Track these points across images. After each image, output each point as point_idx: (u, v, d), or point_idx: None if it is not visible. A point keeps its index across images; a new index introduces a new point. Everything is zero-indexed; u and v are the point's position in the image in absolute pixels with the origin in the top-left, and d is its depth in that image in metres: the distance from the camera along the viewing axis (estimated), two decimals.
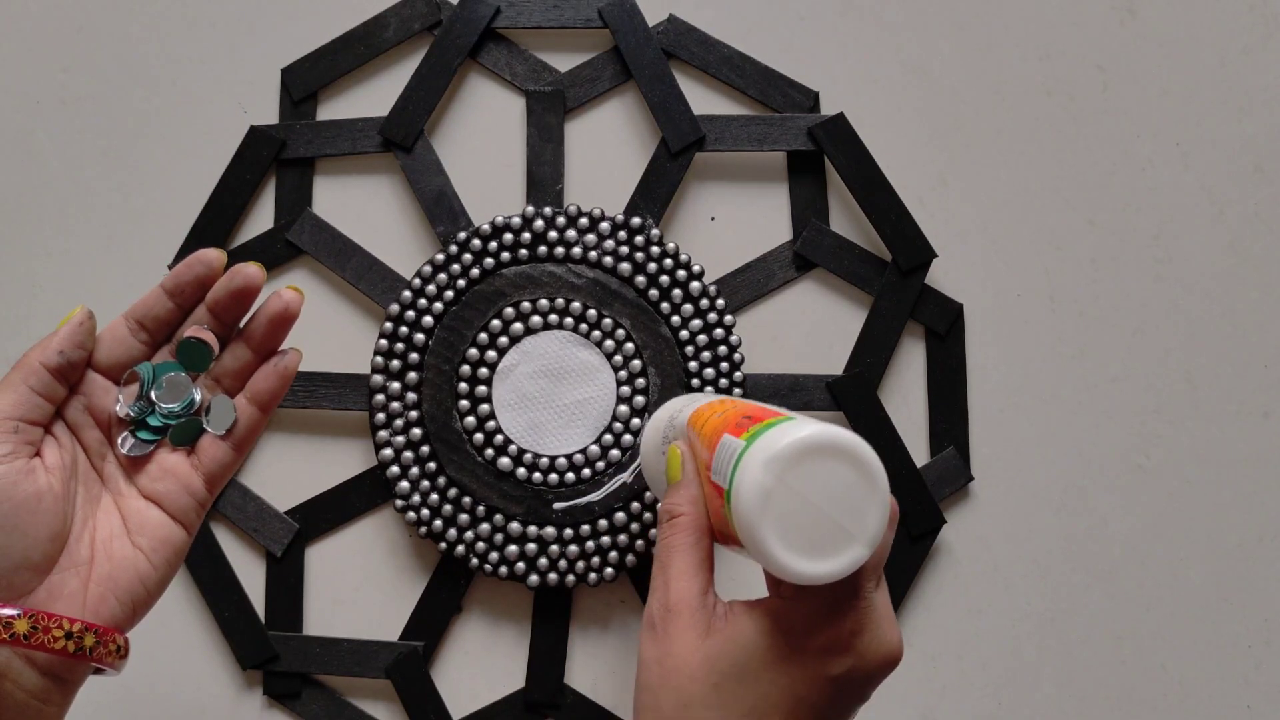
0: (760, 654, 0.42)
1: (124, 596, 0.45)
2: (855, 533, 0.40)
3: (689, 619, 0.44)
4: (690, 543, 0.45)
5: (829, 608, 0.42)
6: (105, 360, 0.46)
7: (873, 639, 0.43)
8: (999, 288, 0.66)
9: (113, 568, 0.45)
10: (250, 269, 0.46)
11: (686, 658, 0.43)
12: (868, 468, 0.41)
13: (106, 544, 0.45)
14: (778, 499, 0.40)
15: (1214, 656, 0.64)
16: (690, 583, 0.44)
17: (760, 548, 0.40)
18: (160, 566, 0.46)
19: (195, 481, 0.47)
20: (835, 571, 0.40)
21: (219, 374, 0.48)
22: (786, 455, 0.40)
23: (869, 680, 0.43)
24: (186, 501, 0.47)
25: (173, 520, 0.46)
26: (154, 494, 0.46)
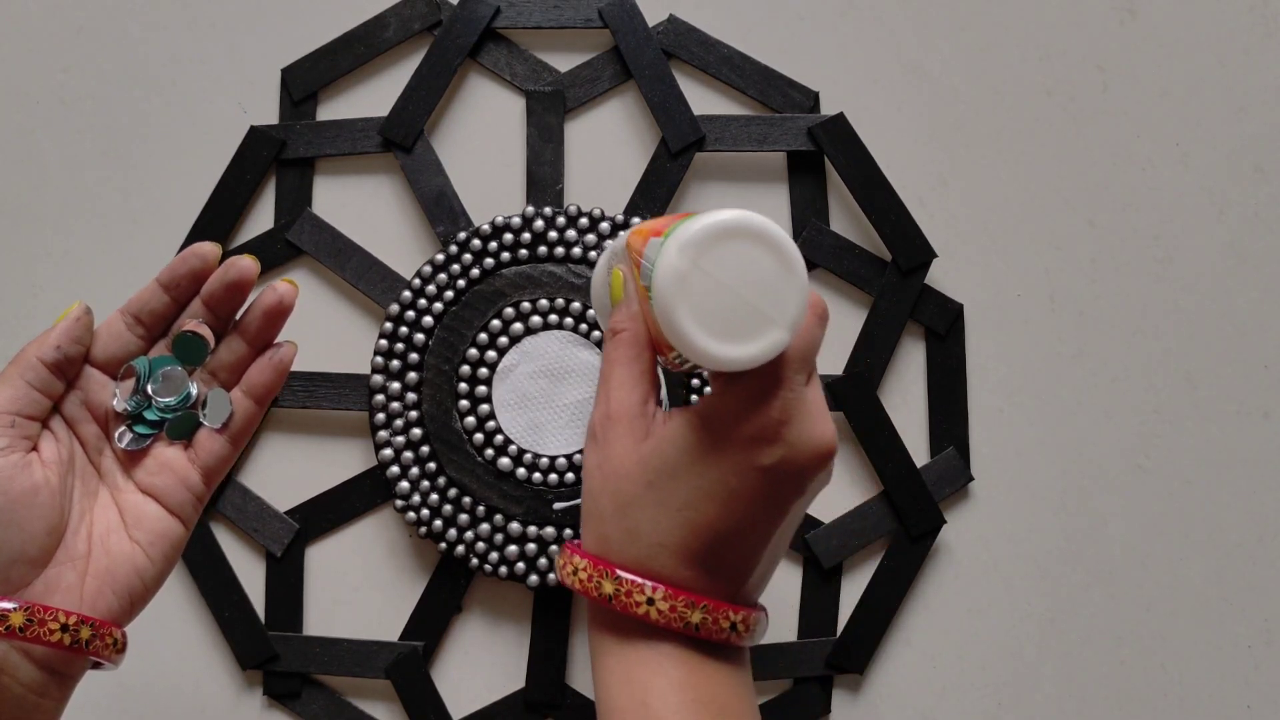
0: (690, 448, 0.42)
1: (121, 590, 0.45)
2: (774, 316, 0.40)
3: (628, 425, 0.44)
4: (631, 355, 0.45)
5: (755, 397, 0.42)
6: (102, 355, 0.47)
7: (802, 430, 0.42)
8: (999, 288, 0.66)
9: (110, 562, 0.45)
10: (244, 261, 0.46)
11: (624, 460, 0.43)
12: (783, 251, 0.41)
13: (104, 538, 0.45)
14: (693, 283, 0.40)
15: (1214, 656, 0.64)
16: (630, 393, 0.44)
17: (678, 333, 0.40)
18: (158, 560, 0.46)
19: (192, 475, 0.47)
20: (755, 355, 0.40)
21: (215, 368, 0.48)
22: (699, 238, 0.40)
23: (801, 473, 0.43)
24: (184, 496, 0.47)
25: (170, 514, 0.46)
26: (151, 488, 0.47)
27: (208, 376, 0.48)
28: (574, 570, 0.44)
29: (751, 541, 0.43)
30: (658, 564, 0.43)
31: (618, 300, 0.46)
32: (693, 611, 0.42)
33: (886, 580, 0.64)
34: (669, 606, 0.42)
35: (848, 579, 0.65)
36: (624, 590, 0.42)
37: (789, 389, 0.42)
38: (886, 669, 0.64)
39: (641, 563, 0.43)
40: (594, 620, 0.45)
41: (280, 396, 0.63)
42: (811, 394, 0.43)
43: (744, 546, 0.43)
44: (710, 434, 0.42)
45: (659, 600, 0.42)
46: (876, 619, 0.64)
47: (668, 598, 0.42)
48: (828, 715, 0.64)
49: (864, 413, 0.64)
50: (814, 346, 0.44)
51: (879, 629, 0.64)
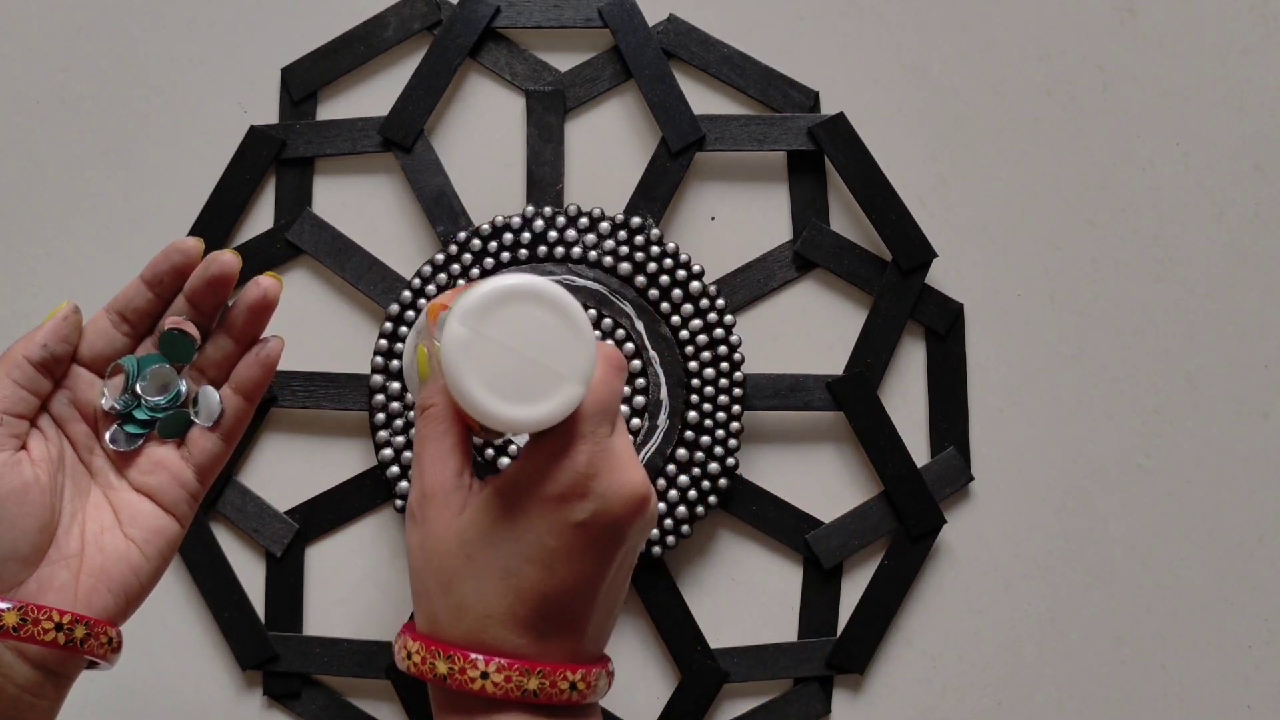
0: (503, 514, 0.43)
1: (116, 589, 0.45)
2: (564, 373, 0.41)
3: (443, 500, 0.44)
4: (440, 431, 0.45)
5: (558, 454, 0.42)
6: (88, 353, 0.46)
7: (612, 481, 0.42)
8: (999, 288, 0.66)
9: (104, 560, 0.45)
10: (225, 256, 0.46)
11: (441, 536, 0.43)
12: (565, 309, 0.42)
13: (97, 537, 0.45)
14: (477, 349, 0.41)
15: (1214, 656, 0.64)
16: (443, 468, 0.44)
17: (468, 399, 0.41)
18: (153, 558, 0.46)
19: (186, 473, 0.47)
20: (550, 413, 0.41)
21: (203, 365, 0.48)
22: (479, 305, 0.41)
23: (617, 524, 0.43)
24: (178, 493, 0.47)
25: (165, 512, 0.46)
26: (145, 487, 0.46)
27: (196, 374, 0.48)
28: (407, 654, 0.44)
29: (580, 598, 0.43)
30: (489, 636, 0.42)
31: (424, 376, 0.46)
32: (528, 679, 0.42)
33: (886, 580, 0.64)
34: (504, 677, 0.42)
35: (848, 579, 0.65)
36: (457, 668, 0.42)
37: (591, 442, 0.43)
38: (886, 669, 0.64)
39: (472, 636, 0.43)
40: (436, 704, 0.45)
41: (280, 396, 0.63)
42: (618, 443, 0.44)
43: (573, 605, 0.43)
44: (520, 497, 0.43)
45: (493, 673, 0.42)
46: (876, 619, 0.64)
47: (501, 669, 0.42)
48: (828, 715, 0.64)
49: (864, 413, 0.64)
50: (612, 396, 0.44)
51: (879, 629, 0.64)
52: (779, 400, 0.64)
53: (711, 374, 0.62)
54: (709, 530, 0.64)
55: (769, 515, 0.64)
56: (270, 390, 0.63)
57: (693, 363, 0.62)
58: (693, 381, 0.62)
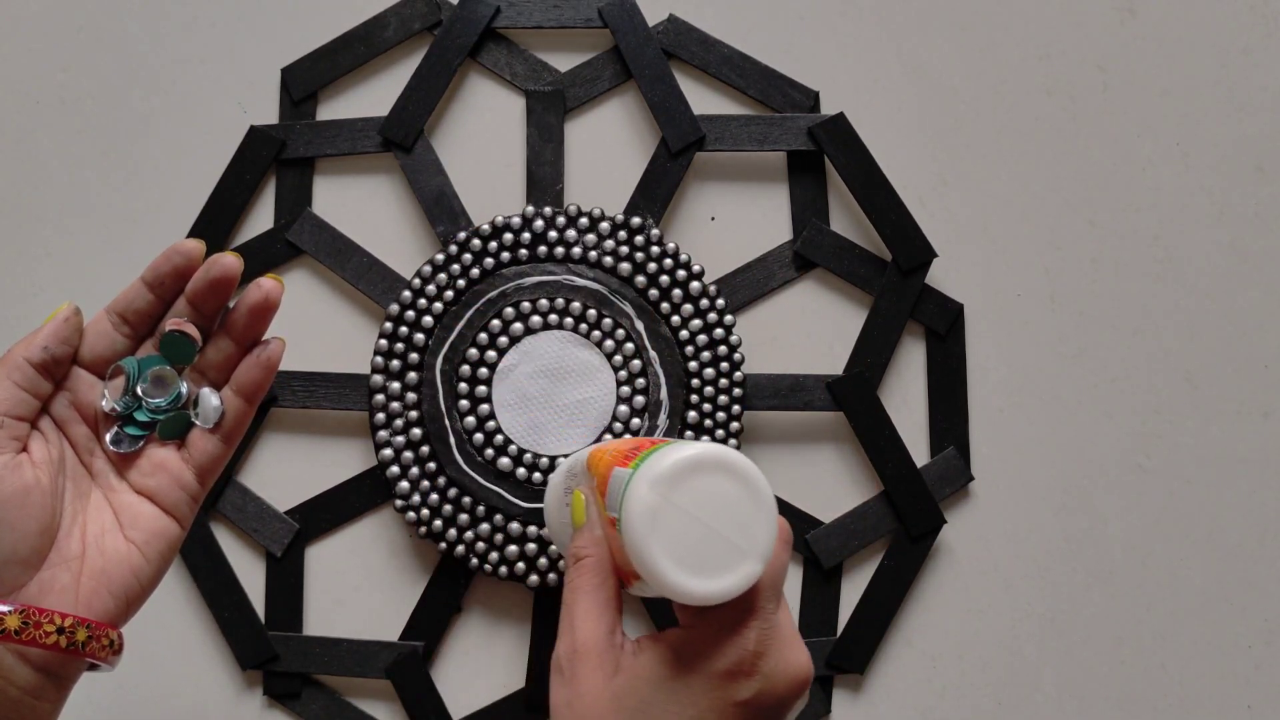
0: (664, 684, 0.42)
1: (117, 591, 0.44)
2: (746, 548, 0.41)
3: (597, 660, 0.43)
4: (595, 584, 0.44)
5: (728, 630, 0.42)
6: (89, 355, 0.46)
7: (779, 660, 0.42)
8: (999, 288, 0.66)
9: (105, 562, 0.45)
10: (227, 259, 0.46)
11: (595, 698, 0.42)
12: (753, 482, 0.41)
13: (98, 539, 0.45)
14: (665, 518, 0.40)
15: (1214, 656, 0.64)
16: (596, 624, 0.43)
17: (651, 569, 0.40)
18: (154, 560, 0.45)
19: (186, 475, 0.47)
20: (729, 588, 0.40)
21: (204, 367, 0.47)
22: (670, 473, 0.40)
23: (780, 705, 0.42)
24: (179, 495, 0.46)
25: (165, 514, 0.46)
26: (146, 489, 0.46)
27: (197, 376, 0.47)
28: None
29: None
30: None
31: (579, 524, 0.46)
32: None
33: (886, 580, 0.64)
34: None
35: (848, 579, 0.65)
36: None
37: (762, 619, 0.42)
38: (886, 669, 0.64)
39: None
40: None
41: (280, 396, 0.63)
42: (784, 620, 0.43)
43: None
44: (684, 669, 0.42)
45: None
46: (876, 619, 0.64)
47: None
48: (828, 715, 0.64)
49: (864, 413, 0.64)
50: (784, 574, 0.44)
51: (879, 629, 0.64)
52: (779, 400, 0.64)
53: (711, 374, 0.62)
54: None
55: None
56: (270, 390, 0.63)
57: (693, 363, 0.62)
58: (693, 381, 0.62)
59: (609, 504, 0.43)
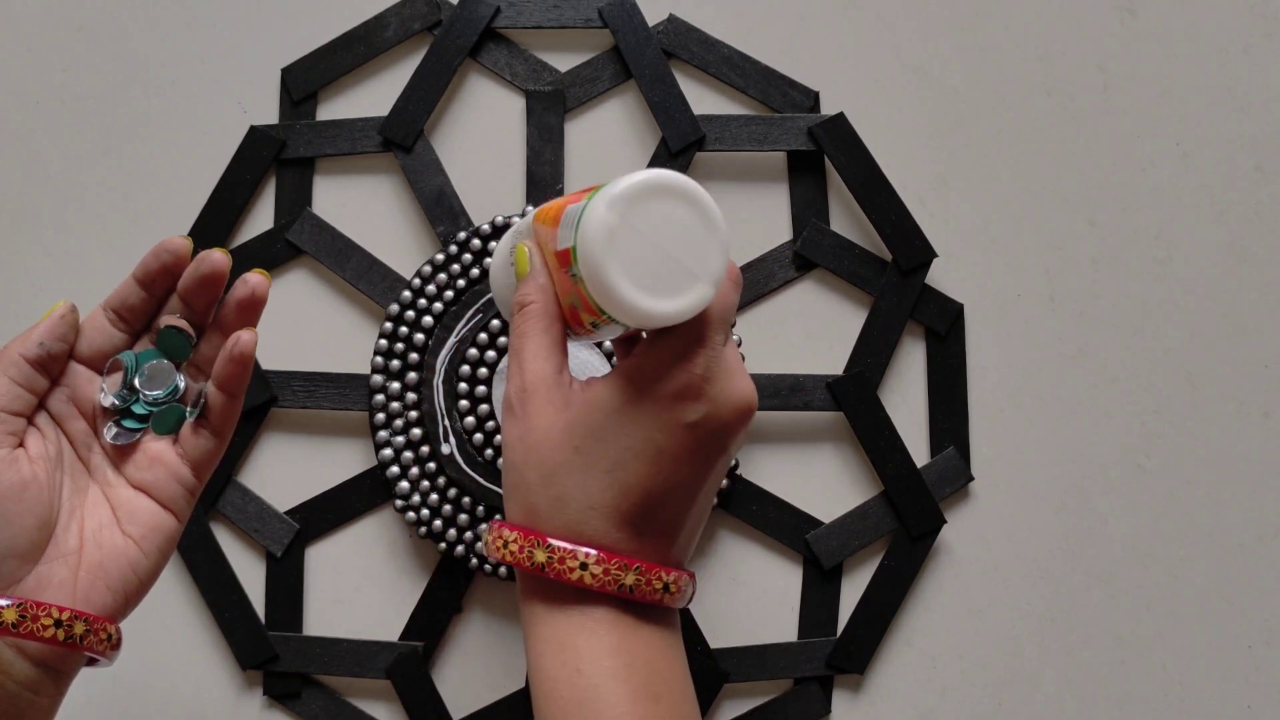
0: (616, 409, 0.43)
1: (116, 585, 0.45)
2: (698, 272, 0.42)
3: (545, 395, 0.44)
4: (541, 327, 0.45)
5: (678, 354, 0.43)
6: (87, 350, 0.47)
7: (724, 385, 0.43)
8: (999, 288, 0.66)
9: (103, 556, 0.45)
10: (215, 255, 0.46)
11: (547, 429, 0.44)
12: (706, 208, 0.42)
13: (96, 533, 0.45)
14: (621, 238, 0.41)
15: (1214, 656, 0.64)
16: (544, 364, 0.45)
17: (607, 287, 0.41)
18: (152, 554, 0.46)
19: (183, 469, 0.47)
20: (682, 309, 0.41)
21: (200, 362, 0.48)
22: (628, 194, 0.41)
23: (725, 429, 0.44)
24: (176, 489, 0.47)
25: (163, 508, 0.46)
26: (142, 483, 0.46)
27: (194, 371, 0.48)
28: (504, 543, 0.44)
29: (679, 500, 0.44)
30: (589, 528, 0.43)
31: (524, 274, 0.47)
32: (626, 574, 0.43)
33: (886, 580, 0.64)
34: (602, 570, 0.43)
35: (848, 579, 0.65)
36: (556, 557, 0.43)
37: (710, 347, 0.43)
38: (886, 669, 0.64)
39: (571, 528, 0.43)
40: (525, 591, 0.45)
41: (280, 396, 0.63)
42: (730, 353, 0.44)
43: (672, 505, 0.44)
44: (636, 393, 0.43)
45: (592, 565, 0.43)
46: (876, 619, 0.64)
47: (601, 561, 0.43)
48: (828, 715, 0.64)
49: (864, 413, 0.64)
50: (731, 307, 0.45)
51: (879, 629, 0.64)
52: (779, 400, 0.64)
53: None
54: (709, 530, 0.64)
55: (769, 515, 0.64)
56: (270, 390, 0.63)
57: None
58: None
59: (561, 239, 0.44)
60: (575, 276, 0.43)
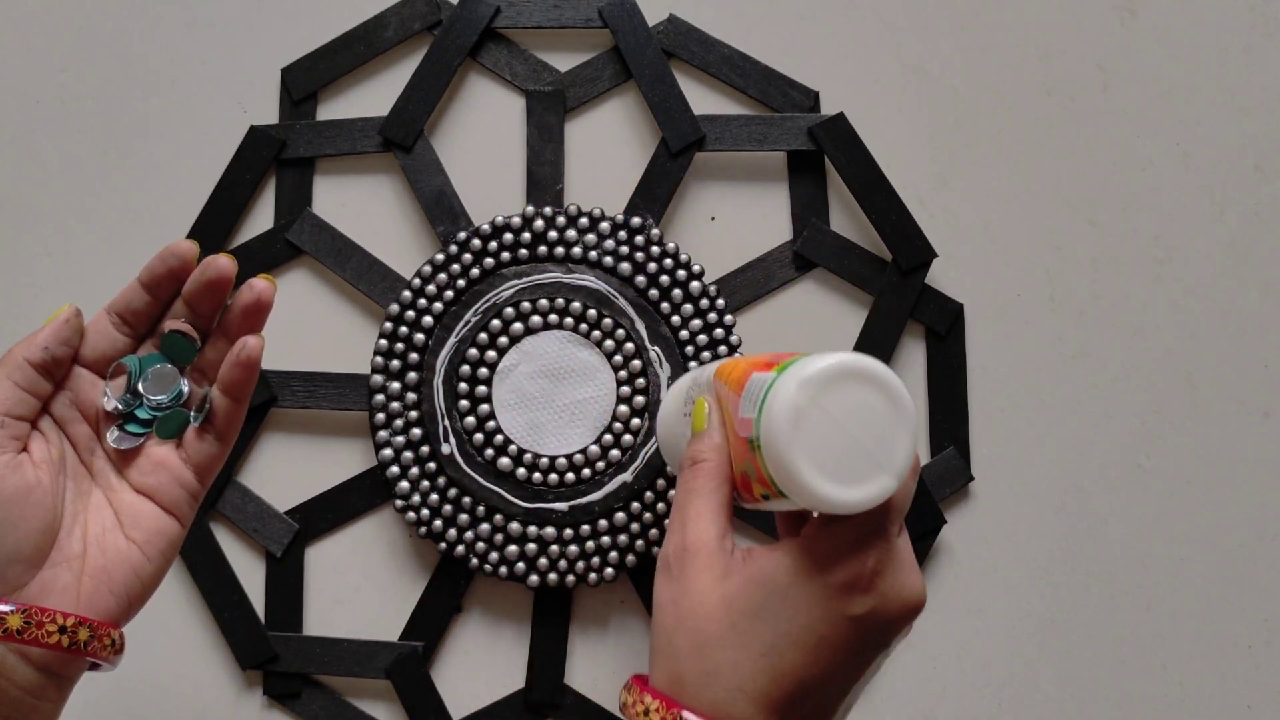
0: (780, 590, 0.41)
1: (119, 590, 0.45)
2: (883, 463, 0.40)
3: (706, 560, 0.42)
4: (711, 487, 0.44)
5: (853, 543, 0.41)
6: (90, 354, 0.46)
7: (895, 580, 0.42)
8: (999, 288, 0.66)
9: (106, 561, 0.45)
10: (221, 260, 0.46)
11: (703, 597, 0.42)
12: (898, 398, 0.40)
13: (99, 538, 0.45)
14: (809, 420, 0.40)
15: (1214, 656, 0.64)
16: (708, 525, 0.43)
17: (789, 469, 0.40)
18: (155, 559, 0.46)
19: (186, 474, 0.47)
20: (864, 499, 0.40)
21: (204, 366, 0.48)
22: (821, 377, 0.40)
23: (890, 626, 0.42)
24: (179, 493, 0.47)
25: (166, 513, 0.46)
26: (146, 487, 0.46)
27: (199, 376, 0.48)
28: (645, 710, 0.42)
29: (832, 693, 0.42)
30: (736, 710, 0.41)
31: (700, 429, 0.46)
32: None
33: None
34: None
35: None
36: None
37: (886, 540, 0.42)
38: (886, 669, 0.64)
39: (719, 707, 0.41)
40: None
41: (280, 396, 0.63)
42: (903, 545, 0.43)
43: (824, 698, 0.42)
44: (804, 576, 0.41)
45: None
46: None
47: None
48: None
49: None
50: (909, 500, 0.43)
51: None
52: None
53: None
54: None
55: (769, 515, 0.64)
56: (270, 390, 0.63)
57: (693, 363, 0.62)
58: None
59: (744, 407, 0.43)
60: (754, 446, 0.41)
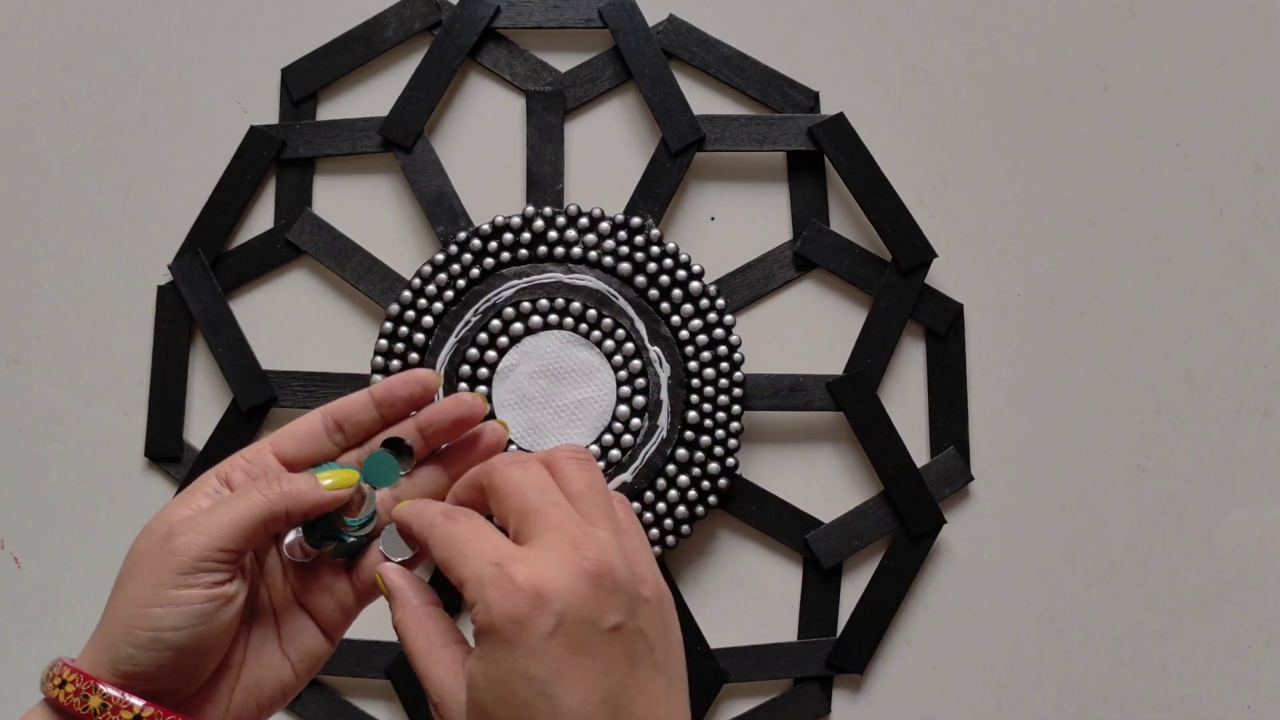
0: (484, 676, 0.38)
1: (265, 702, 0.43)
2: None
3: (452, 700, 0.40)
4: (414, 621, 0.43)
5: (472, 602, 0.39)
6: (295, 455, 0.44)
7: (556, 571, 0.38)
8: (999, 288, 0.66)
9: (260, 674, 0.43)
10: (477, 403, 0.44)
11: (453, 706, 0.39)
12: None
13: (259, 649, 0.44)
14: None
15: (1214, 656, 0.64)
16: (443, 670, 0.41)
17: None
18: (303, 675, 0.44)
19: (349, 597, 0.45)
20: None
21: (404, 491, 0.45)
22: None
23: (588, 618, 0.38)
24: (338, 616, 0.45)
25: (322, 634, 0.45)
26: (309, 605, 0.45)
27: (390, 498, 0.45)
28: None
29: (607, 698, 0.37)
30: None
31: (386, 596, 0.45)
32: None
33: (886, 580, 0.64)
34: None
35: (848, 579, 0.65)
36: None
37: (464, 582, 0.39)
38: (886, 669, 0.64)
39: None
40: None
41: (280, 396, 0.63)
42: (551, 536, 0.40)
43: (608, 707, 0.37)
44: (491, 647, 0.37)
45: None
46: (876, 619, 0.64)
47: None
48: (828, 715, 0.64)
49: (864, 413, 0.64)
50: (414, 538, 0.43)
51: (879, 629, 0.64)
52: (779, 400, 0.64)
53: (711, 374, 0.62)
54: (709, 530, 0.64)
55: (769, 515, 0.64)
56: (270, 390, 0.63)
57: (693, 363, 0.62)
58: (693, 381, 0.62)
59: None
60: None
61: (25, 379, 0.65)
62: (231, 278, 0.65)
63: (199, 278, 0.64)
